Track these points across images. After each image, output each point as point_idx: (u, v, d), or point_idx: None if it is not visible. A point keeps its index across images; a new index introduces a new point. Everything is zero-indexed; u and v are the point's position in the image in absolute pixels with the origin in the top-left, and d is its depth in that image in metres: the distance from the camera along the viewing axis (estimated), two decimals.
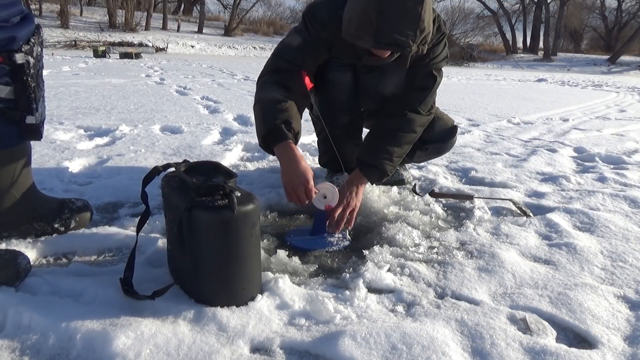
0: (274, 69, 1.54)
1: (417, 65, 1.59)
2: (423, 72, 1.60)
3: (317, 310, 0.99)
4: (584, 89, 9.51)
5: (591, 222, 1.59)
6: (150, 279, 1.07)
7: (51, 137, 2.52)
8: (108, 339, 0.85)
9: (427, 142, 1.76)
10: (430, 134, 1.73)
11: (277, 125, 1.36)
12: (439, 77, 1.63)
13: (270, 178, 1.96)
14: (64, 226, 1.32)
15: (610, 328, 0.99)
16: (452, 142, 1.84)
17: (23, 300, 0.96)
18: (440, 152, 1.91)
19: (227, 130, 3.05)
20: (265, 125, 1.39)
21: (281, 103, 1.42)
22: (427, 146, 1.78)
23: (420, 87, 1.61)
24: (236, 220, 0.93)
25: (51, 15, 22.16)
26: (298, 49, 1.53)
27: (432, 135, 1.75)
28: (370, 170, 1.54)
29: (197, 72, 9.03)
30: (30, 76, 1.12)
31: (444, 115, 1.83)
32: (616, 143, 3.20)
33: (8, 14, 1.07)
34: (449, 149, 1.89)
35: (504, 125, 3.85)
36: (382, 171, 1.54)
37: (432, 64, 1.60)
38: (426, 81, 1.61)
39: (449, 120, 1.82)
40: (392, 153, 1.56)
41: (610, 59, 28.24)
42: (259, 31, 29.30)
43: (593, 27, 39.22)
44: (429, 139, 1.75)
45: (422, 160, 2.07)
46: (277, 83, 1.48)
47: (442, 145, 1.83)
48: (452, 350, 0.88)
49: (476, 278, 1.18)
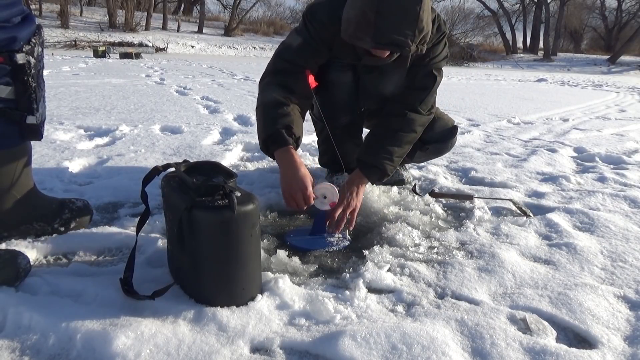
0: (275, 70, 1.54)
1: (417, 64, 1.59)
2: (423, 72, 1.60)
3: (317, 310, 0.99)
4: (584, 89, 9.51)
5: (591, 222, 1.59)
6: (150, 279, 1.07)
7: (51, 137, 2.52)
8: (108, 339, 0.85)
9: (427, 142, 1.76)
10: (430, 134, 1.73)
11: (278, 130, 1.37)
12: (439, 77, 1.63)
13: (270, 178, 1.96)
14: (64, 226, 1.32)
15: (610, 328, 0.99)
16: (452, 142, 1.84)
17: (23, 300, 0.96)
18: (440, 153, 1.91)
19: (227, 130, 3.05)
20: (266, 130, 1.40)
21: (282, 107, 1.42)
22: (428, 146, 1.78)
23: (421, 86, 1.61)
24: (236, 220, 0.93)
25: (51, 15, 22.17)
26: (299, 49, 1.53)
27: (432, 135, 1.75)
28: (370, 170, 1.54)
29: (197, 72, 9.04)
30: (31, 76, 1.12)
31: (444, 115, 1.82)
32: (616, 143, 3.20)
33: (9, 14, 1.07)
34: (449, 149, 1.89)
35: (504, 125, 3.86)
36: (383, 171, 1.54)
37: (432, 63, 1.59)
38: (426, 81, 1.61)
39: (449, 121, 1.82)
40: (393, 153, 1.56)
41: (610, 59, 28.25)
42: (259, 31, 29.31)
43: (593, 27, 39.23)
44: (429, 139, 1.75)
45: (422, 161, 2.07)
46: (279, 85, 1.49)
47: (442, 145, 1.83)
48: (452, 350, 0.88)
49: (476, 278, 1.18)
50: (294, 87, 1.49)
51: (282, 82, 1.49)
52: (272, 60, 1.58)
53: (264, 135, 1.41)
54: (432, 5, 1.41)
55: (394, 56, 1.48)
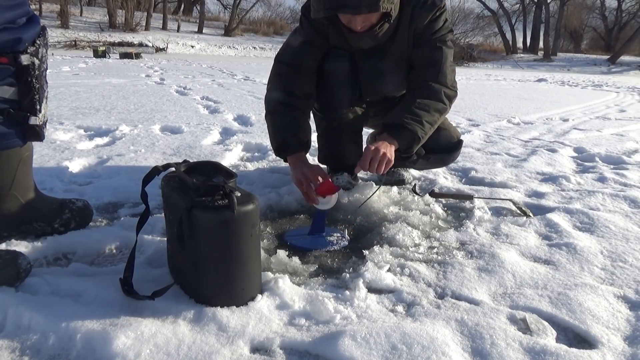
0: (276, 74, 1.62)
1: (420, 45, 1.57)
2: (428, 48, 1.56)
3: (317, 310, 0.99)
4: (584, 89, 9.51)
5: (591, 222, 1.59)
6: (150, 279, 1.07)
7: (51, 137, 2.52)
8: (108, 339, 0.85)
9: (430, 152, 1.71)
10: (434, 144, 1.67)
11: (287, 139, 1.52)
12: (446, 48, 1.56)
13: (270, 178, 1.96)
14: (64, 226, 1.32)
15: (610, 328, 0.99)
16: (455, 155, 1.82)
17: (23, 300, 0.96)
18: (443, 163, 1.91)
19: (227, 130, 3.05)
20: (276, 140, 1.55)
21: (288, 114, 1.54)
22: (430, 156, 1.74)
23: (431, 62, 1.56)
24: (236, 220, 0.93)
25: (51, 15, 22.16)
26: (297, 49, 1.59)
27: (436, 145, 1.70)
28: (399, 132, 1.44)
29: (197, 72, 9.03)
30: (34, 77, 1.12)
31: (451, 127, 1.80)
32: (616, 143, 3.20)
33: (14, 16, 1.07)
34: (451, 161, 1.89)
35: (504, 125, 3.85)
36: (412, 132, 1.44)
37: (434, 38, 1.55)
38: (434, 55, 1.55)
39: (455, 133, 1.79)
40: (422, 116, 1.46)
41: (610, 59, 28.24)
42: (259, 31, 29.30)
43: (593, 27, 39.22)
44: (434, 148, 1.70)
45: (425, 169, 2.06)
46: (281, 90, 1.57)
47: (446, 156, 1.82)
48: (452, 350, 0.88)
49: (476, 278, 1.18)
50: (295, 89, 1.56)
51: (283, 87, 1.57)
52: (274, 63, 1.64)
53: (276, 145, 1.55)
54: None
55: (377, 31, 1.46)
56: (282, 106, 1.55)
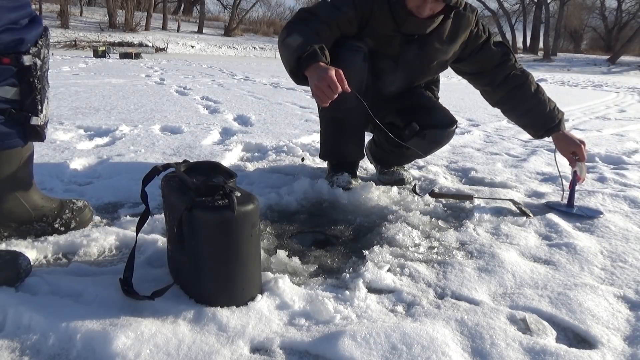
0: (299, 18, 1.64)
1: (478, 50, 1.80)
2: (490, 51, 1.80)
3: (317, 310, 0.99)
4: (584, 89, 9.51)
5: (591, 222, 1.59)
6: (150, 279, 1.07)
7: (51, 137, 2.52)
8: (108, 339, 0.85)
9: (425, 127, 1.77)
10: (428, 120, 1.76)
11: (315, 49, 1.44)
12: (505, 46, 1.84)
13: (270, 178, 1.96)
14: (64, 226, 1.32)
15: (610, 328, 0.99)
16: (450, 131, 1.85)
17: (23, 300, 0.96)
18: (438, 142, 1.88)
19: (227, 130, 3.05)
20: (303, 48, 1.46)
21: (315, 35, 1.54)
22: (425, 132, 1.78)
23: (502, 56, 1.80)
24: (236, 220, 0.93)
25: (51, 15, 22.19)
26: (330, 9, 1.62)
27: (430, 120, 1.78)
28: (562, 123, 1.81)
29: (197, 72, 9.04)
30: (36, 78, 1.13)
31: (446, 109, 1.87)
32: (616, 143, 3.20)
33: (17, 16, 1.07)
34: (446, 139, 1.88)
35: (504, 125, 3.85)
36: (563, 115, 1.85)
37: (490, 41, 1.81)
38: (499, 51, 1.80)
39: (449, 115, 1.86)
40: (549, 99, 1.84)
41: (610, 59, 28.25)
42: (258, 31, 29.32)
43: (593, 27, 39.25)
44: (428, 124, 1.77)
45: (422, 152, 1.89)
46: (308, 27, 1.57)
47: (440, 132, 1.83)
48: (452, 350, 0.88)
49: (476, 278, 1.18)
50: (320, 32, 1.57)
51: (307, 26, 1.58)
52: (299, 12, 1.68)
53: (299, 53, 1.45)
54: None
55: (436, 20, 1.60)
56: (310, 31, 1.55)
